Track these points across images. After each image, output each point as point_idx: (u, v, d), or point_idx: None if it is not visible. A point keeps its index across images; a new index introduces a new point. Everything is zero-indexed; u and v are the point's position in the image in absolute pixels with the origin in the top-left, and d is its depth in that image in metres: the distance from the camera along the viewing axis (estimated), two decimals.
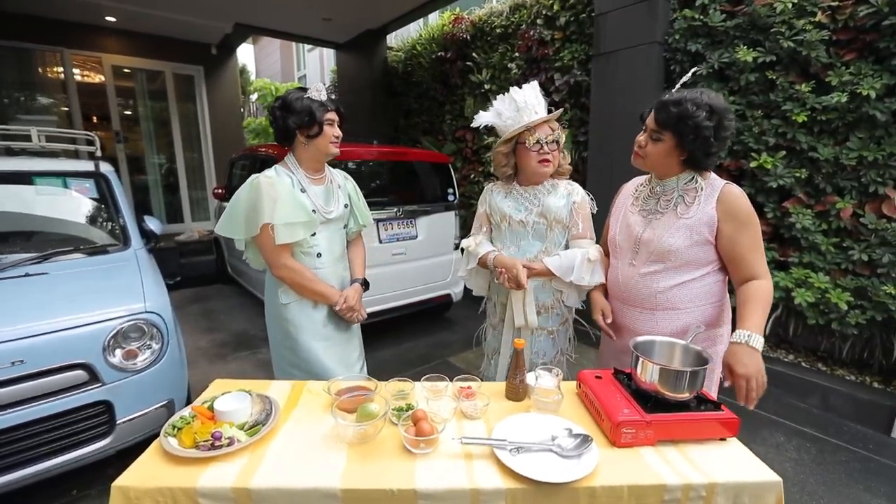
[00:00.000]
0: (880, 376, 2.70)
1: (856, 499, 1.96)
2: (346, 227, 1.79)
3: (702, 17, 3.03)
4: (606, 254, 1.62)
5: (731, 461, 1.06)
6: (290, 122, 1.51)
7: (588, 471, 0.97)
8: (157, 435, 1.98)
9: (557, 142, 1.63)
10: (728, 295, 1.43)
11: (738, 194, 1.33)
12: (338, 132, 1.58)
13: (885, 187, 2.52)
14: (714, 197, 1.33)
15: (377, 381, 1.32)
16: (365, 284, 1.81)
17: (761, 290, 1.29)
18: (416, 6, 5.43)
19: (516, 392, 1.30)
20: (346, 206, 1.72)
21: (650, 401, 1.14)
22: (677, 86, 1.43)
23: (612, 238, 1.56)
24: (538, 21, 4.28)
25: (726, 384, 1.25)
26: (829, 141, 2.67)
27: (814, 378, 2.73)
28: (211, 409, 1.17)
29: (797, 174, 2.74)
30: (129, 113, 6.55)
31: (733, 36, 2.93)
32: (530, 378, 1.30)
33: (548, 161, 1.62)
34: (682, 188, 1.39)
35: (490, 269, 1.71)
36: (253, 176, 1.53)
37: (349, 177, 1.80)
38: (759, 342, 1.19)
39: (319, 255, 1.63)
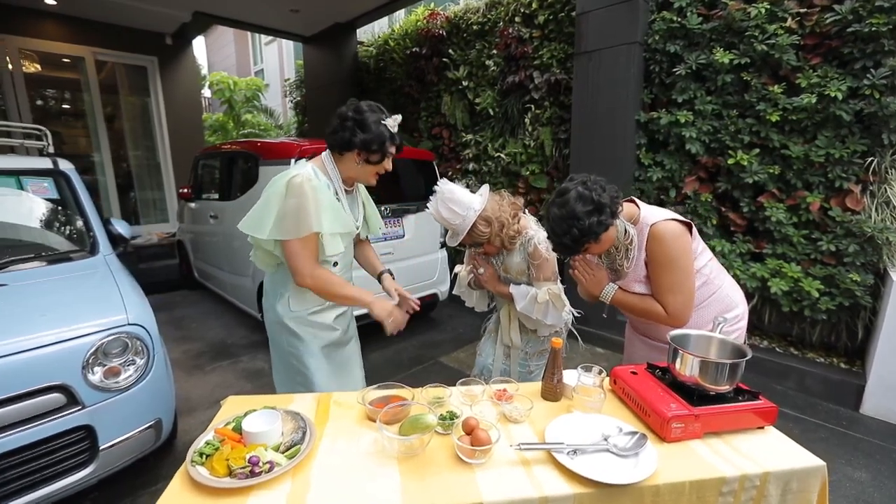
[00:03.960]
0: (846, 357, 2.92)
1: (841, 472, 2.10)
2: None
3: (679, 19, 3.14)
4: None
5: (776, 449, 1.08)
6: (358, 139, 1.40)
7: (651, 470, 0.96)
8: (142, 460, 1.86)
9: (480, 244, 1.64)
10: (725, 283, 1.48)
11: (658, 238, 1.34)
12: (389, 166, 1.51)
13: (848, 182, 2.73)
14: (644, 244, 1.38)
15: (411, 388, 1.26)
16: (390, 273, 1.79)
17: (652, 303, 1.40)
18: (389, 0, 5.31)
19: (553, 392, 1.28)
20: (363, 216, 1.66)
21: (694, 394, 1.15)
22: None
23: None
24: (516, 19, 4.29)
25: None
26: (799, 139, 2.85)
27: (788, 362, 2.91)
28: (237, 430, 1.06)
29: (770, 170, 2.91)
30: (69, 107, 6.00)
31: (710, 38, 3.07)
32: (571, 377, 1.28)
33: (485, 253, 1.74)
34: (623, 243, 1.42)
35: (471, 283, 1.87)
36: (290, 174, 1.39)
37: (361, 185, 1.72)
38: (607, 297, 1.48)
39: (336, 263, 1.55)
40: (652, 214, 1.37)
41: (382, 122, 1.43)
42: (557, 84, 4.03)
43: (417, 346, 3.59)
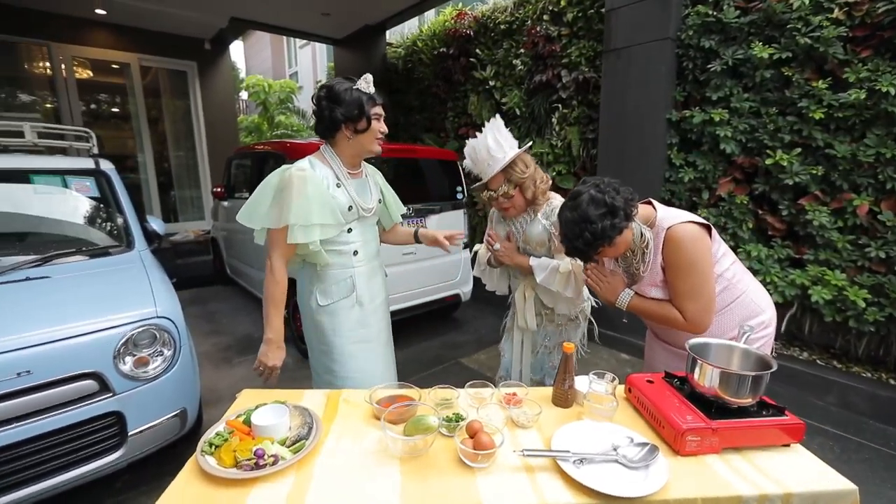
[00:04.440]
0: (895, 373, 2.71)
1: (886, 497, 1.94)
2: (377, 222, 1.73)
3: (715, 13, 3.00)
4: None
5: (802, 468, 1.02)
6: (338, 114, 1.40)
7: (661, 484, 0.91)
8: (168, 447, 1.94)
9: (512, 188, 1.62)
10: (749, 288, 1.40)
11: (675, 242, 1.28)
12: (384, 128, 1.49)
13: None
14: (660, 248, 1.32)
15: (419, 388, 1.26)
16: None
17: (670, 310, 1.34)
18: (418, 1, 5.35)
19: (565, 398, 1.25)
20: (379, 200, 1.65)
21: (713, 406, 1.10)
22: None
23: None
24: (544, 17, 4.22)
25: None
26: (846, 138, 2.66)
27: (830, 376, 2.72)
28: (247, 423, 1.09)
29: (813, 171, 2.73)
30: (116, 110, 6.36)
31: (748, 32, 2.91)
32: (583, 383, 1.24)
33: (504, 208, 1.69)
34: (639, 247, 1.36)
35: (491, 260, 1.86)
36: (284, 167, 1.44)
37: (377, 170, 1.73)
38: (623, 304, 1.43)
39: (356, 252, 1.55)
40: (669, 217, 1.32)
41: (354, 87, 1.43)
42: (586, 83, 3.94)
43: (439, 347, 3.59)
